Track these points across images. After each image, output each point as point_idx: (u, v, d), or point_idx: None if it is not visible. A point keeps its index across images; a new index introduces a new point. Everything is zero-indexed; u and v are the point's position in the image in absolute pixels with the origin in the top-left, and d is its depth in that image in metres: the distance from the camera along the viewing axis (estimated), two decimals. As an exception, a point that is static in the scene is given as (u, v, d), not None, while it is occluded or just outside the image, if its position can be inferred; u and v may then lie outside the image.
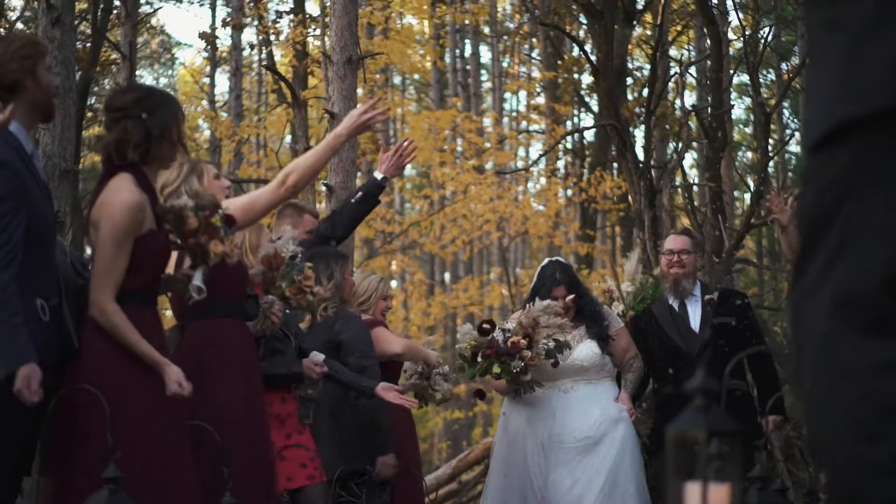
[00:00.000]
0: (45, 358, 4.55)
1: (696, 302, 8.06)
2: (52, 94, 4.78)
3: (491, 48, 27.44)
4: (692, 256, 8.14)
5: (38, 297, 4.62)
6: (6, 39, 4.87)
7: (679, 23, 20.36)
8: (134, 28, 17.00)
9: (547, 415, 7.61)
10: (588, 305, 7.86)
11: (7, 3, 17.04)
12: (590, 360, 7.67)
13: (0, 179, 4.50)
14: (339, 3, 9.82)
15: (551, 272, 7.84)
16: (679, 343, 7.93)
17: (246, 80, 26.56)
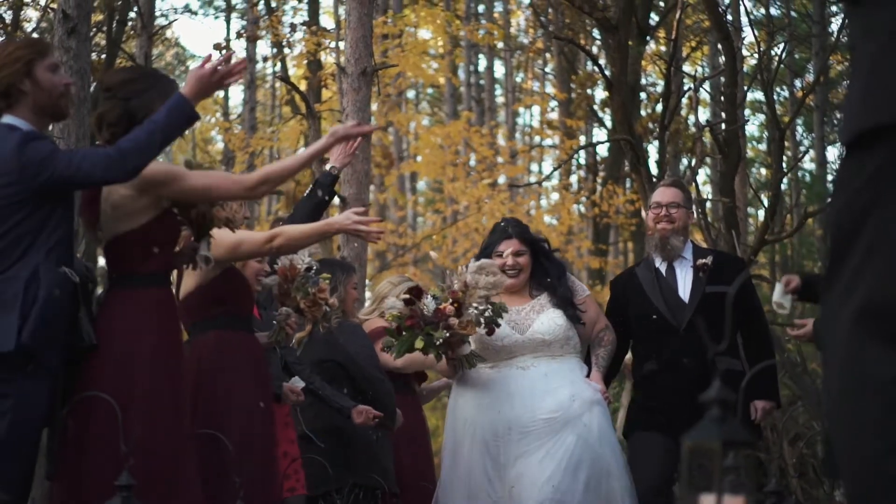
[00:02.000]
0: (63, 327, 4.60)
1: (686, 266, 6.96)
2: (58, 93, 4.77)
3: (504, 63, 27.45)
4: (683, 211, 7.00)
5: (63, 265, 4.65)
6: (3, 45, 4.90)
7: (693, 39, 20.36)
8: (149, 40, 17.05)
9: (502, 398, 6.46)
10: (552, 269, 6.81)
11: (23, 15, 17.08)
12: (552, 334, 6.57)
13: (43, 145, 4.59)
14: (355, 16, 9.84)
15: (503, 227, 6.84)
16: (664, 313, 6.83)
17: (259, 92, 26.63)
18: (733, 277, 6.77)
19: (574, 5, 12.30)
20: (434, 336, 6.23)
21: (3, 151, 4.58)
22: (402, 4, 22.67)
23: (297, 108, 21.29)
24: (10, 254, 4.58)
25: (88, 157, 4.56)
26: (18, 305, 4.49)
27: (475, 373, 6.58)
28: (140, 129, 4.62)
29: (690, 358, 6.64)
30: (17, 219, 4.59)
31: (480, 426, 6.45)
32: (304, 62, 19.95)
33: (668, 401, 6.63)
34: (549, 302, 6.71)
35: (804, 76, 18.76)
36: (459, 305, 6.32)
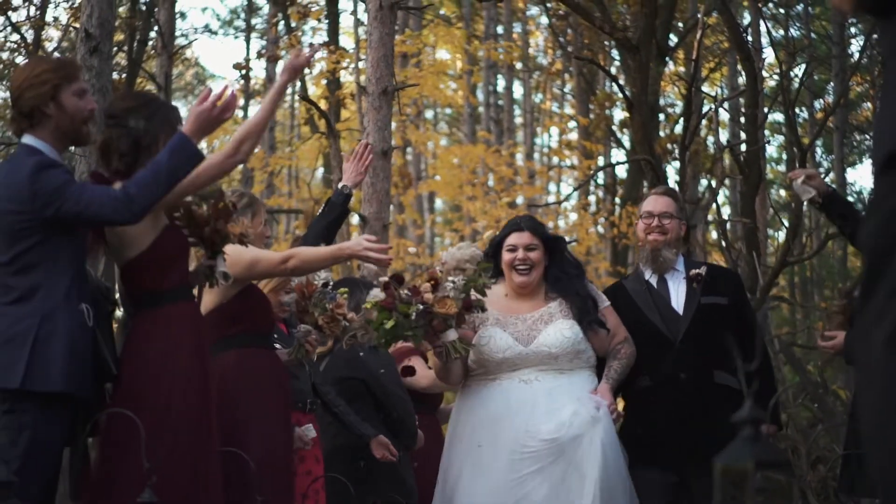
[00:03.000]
0: (84, 364, 4.60)
1: (678, 278, 6.55)
2: (82, 119, 4.75)
3: (523, 84, 27.48)
4: (675, 222, 6.58)
5: (83, 302, 4.66)
6: (32, 64, 4.87)
7: (712, 60, 20.35)
8: (169, 59, 17.12)
9: (501, 413, 5.97)
10: (569, 267, 6.31)
11: (44, 35, 17.17)
12: (559, 347, 6.04)
13: (58, 174, 4.57)
14: (376, 35, 9.85)
15: (517, 220, 6.40)
16: (659, 326, 6.39)
17: (278, 112, 26.69)
18: (728, 289, 6.50)
19: (595, 25, 12.30)
20: (409, 312, 5.72)
21: (17, 177, 4.58)
22: (420, 24, 22.71)
23: (315, 128, 21.34)
24: (20, 282, 4.59)
25: (97, 198, 4.53)
26: (30, 342, 4.50)
27: (475, 384, 6.13)
28: (145, 170, 4.59)
29: (687, 372, 6.25)
30: (27, 245, 4.59)
31: (477, 444, 5.96)
32: (322, 81, 20.01)
33: (664, 422, 6.19)
34: (560, 311, 6.17)
35: (824, 97, 18.73)
36: (436, 283, 5.86)
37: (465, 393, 6.22)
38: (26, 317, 4.52)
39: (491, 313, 6.10)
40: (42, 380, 4.46)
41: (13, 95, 4.76)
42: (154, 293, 4.99)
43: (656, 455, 6.16)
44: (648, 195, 6.84)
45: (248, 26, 27.13)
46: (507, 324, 6.10)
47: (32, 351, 4.48)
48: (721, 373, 6.22)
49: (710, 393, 6.19)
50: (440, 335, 5.83)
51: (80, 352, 4.60)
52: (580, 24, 19.26)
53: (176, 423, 4.80)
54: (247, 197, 6.11)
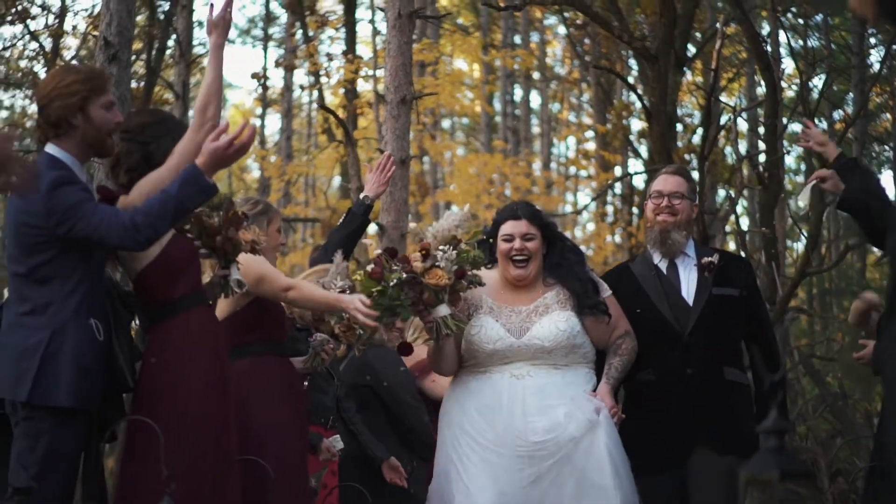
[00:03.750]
0: (96, 378, 4.60)
1: (689, 264, 6.17)
2: (108, 131, 4.77)
3: (541, 93, 27.47)
4: (687, 203, 6.20)
5: (92, 317, 4.66)
6: (62, 72, 4.87)
7: (730, 70, 20.30)
8: (187, 68, 17.15)
9: (492, 408, 5.58)
10: (568, 259, 5.91)
11: (62, 43, 17.24)
12: (553, 340, 5.64)
13: (74, 191, 4.56)
14: (394, 44, 9.84)
15: (512, 207, 5.98)
16: (667, 316, 6.01)
17: (295, 121, 26.74)
18: (740, 278, 6.14)
19: (614, 35, 12.28)
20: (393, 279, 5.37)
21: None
22: (437, 33, 22.72)
23: (333, 136, 21.36)
24: (35, 294, 4.61)
25: (105, 222, 4.53)
26: (39, 356, 4.52)
27: (466, 375, 5.78)
28: (155, 198, 4.59)
29: (695, 367, 5.88)
30: (43, 258, 4.61)
31: (465, 440, 5.61)
32: (340, 90, 20.03)
33: (667, 419, 5.84)
34: (557, 301, 5.78)
35: (843, 108, 18.64)
36: (427, 253, 5.53)
37: (455, 383, 5.86)
38: (38, 331, 4.54)
39: (484, 301, 5.79)
40: (49, 394, 4.47)
41: (41, 104, 4.77)
42: (166, 302, 5.00)
43: (658, 457, 5.81)
44: (658, 174, 6.44)
45: (265, 35, 27.16)
46: (500, 314, 5.75)
47: (41, 365, 4.50)
48: (731, 369, 5.95)
49: (718, 390, 5.89)
50: (431, 310, 5.50)
51: (89, 367, 4.61)
52: (598, 33, 19.26)
53: (193, 431, 4.80)
54: (262, 204, 6.11)
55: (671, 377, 5.90)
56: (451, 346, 5.73)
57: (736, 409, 5.92)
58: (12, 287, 4.73)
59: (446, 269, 5.45)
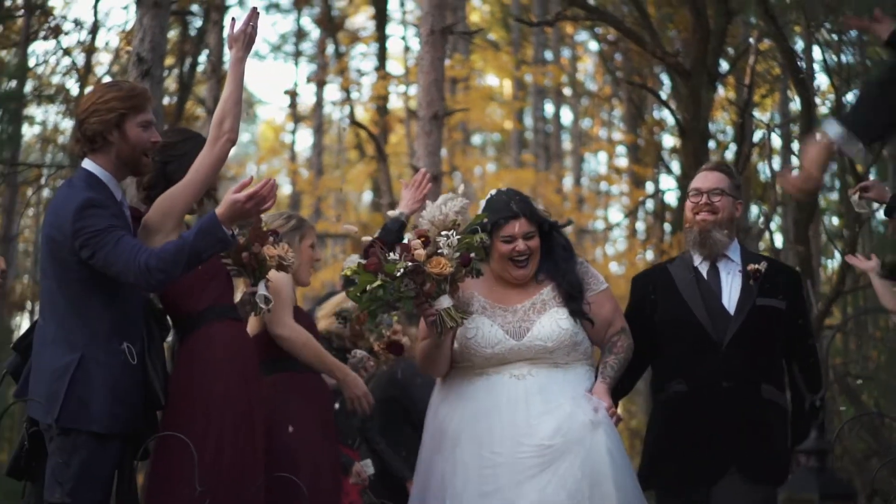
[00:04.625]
0: (131, 401, 4.59)
1: (733, 269, 5.74)
2: (142, 149, 4.77)
3: (572, 109, 27.43)
4: (728, 200, 5.75)
5: (125, 341, 4.65)
6: (104, 88, 4.88)
7: (764, 85, 20.21)
8: (219, 83, 17.20)
9: (490, 412, 5.26)
10: (559, 251, 5.58)
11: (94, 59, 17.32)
12: (555, 339, 5.35)
13: (103, 216, 4.55)
14: (427, 60, 9.83)
15: (505, 201, 5.50)
16: (704, 324, 5.59)
17: (326, 136, 26.81)
18: (790, 290, 5.71)
19: (646, 50, 12.23)
20: (395, 271, 5.02)
21: (66, 208, 4.61)
22: (468, 49, 22.73)
23: (363, 152, 21.39)
24: (64, 314, 4.62)
25: (123, 259, 4.52)
26: (67, 379, 4.52)
27: (459, 376, 5.42)
28: (172, 244, 4.57)
29: (731, 381, 5.50)
30: (72, 274, 4.63)
31: (461, 440, 5.26)
32: (371, 106, 20.07)
33: (697, 435, 5.48)
34: (553, 298, 5.47)
35: (878, 124, 18.49)
36: (426, 240, 5.17)
37: (445, 385, 5.50)
38: (67, 352, 4.56)
39: (476, 299, 5.46)
40: (79, 418, 4.47)
41: (80, 117, 4.79)
42: (191, 315, 5.02)
43: (684, 477, 5.52)
44: (698, 171, 5.99)
45: (296, 51, 27.25)
46: (494, 314, 5.42)
47: (69, 388, 4.51)
48: (769, 387, 5.57)
49: (754, 407, 5.50)
50: (432, 302, 5.16)
51: (122, 393, 4.61)
52: (629, 49, 19.20)
53: (218, 446, 4.78)
54: (294, 219, 6.09)
55: (705, 390, 5.52)
56: (449, 343, 5.39)
57: (772, 431, 5.55)
58: (44, 303, 4.74)
59: (449, 257, 5.12)
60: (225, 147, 5.00)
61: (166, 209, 4.94)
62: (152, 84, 9.28)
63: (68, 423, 4.44)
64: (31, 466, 4.74)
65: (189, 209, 5.04)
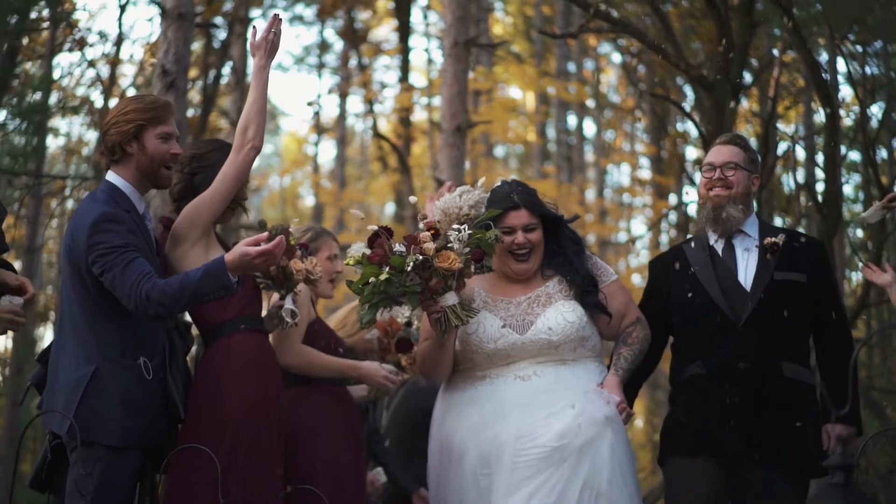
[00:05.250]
0: (147, 415, 4.60)
1: (750, 244, 5.48)
2: (161, 162, 4.79)
3: (595, 120, 27.41)
4: (743, 174, 5.54)
5: (141, 356, 4.65)
6: (127, 100, 4.92)
7: (788, 97, 20.16)
8: (242, 95, 17.26)
9: (496, 415, 5.01)
10: (567, 244, 5.35)
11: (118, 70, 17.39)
12: (561, 333, 5.09)
13: (118, 232, 4.55)
14: (450, 72, 9.85)
15: (506, 192, 5.28)
16: (719, 302, 5.35)
17: (349, 148, 26.85)
18: (809, 263, 5.44)
19: (670, 63, 12.19)
20: (405, 264, 4.79)
21: (84, 220, 4.64)
22: (491, 62, 22.73)
23: (386, 164, 21.40)
24: (80, 327, 4.64)
25: (128, 285, 4.52)
26: (80, 392, 4.54)
27: (462, 382, 5.20)
28: (177, 279, 4.56)
29: (748, 362, 5.26)
30: (87, 290, 4.65)
31: (468, 450, 5.04)
32: (394, 118, 20.09)
33: (717, 417, 5.27)
34: (559, 291, 5.22)
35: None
36: (436, 232, 4.94)
37: (449, 391, 5.28)
38: (83, 365, 4.59)
39: (477, 293, 5.25)
40: (91, 430, 4.46)
41: (103, 129, 4.85)
42: (213, 326, 5.03)
43: (702, 444, 5.29)
44: (712, 145, 5.78)
45: (320, 63, 27.33)
46: (496, 308, 5.20)
47: (82, 400, 4.53)
48: (792, 365, 5.31)
49: (775, 387, 5.26)
50: (438, 298, 4.93)
51: (138, 405, 4.61)
52: (652, 61, 19.17)
53: (233, 457, 4.78)
54: (311, 231, 6.10)
55: (723, 372, 5.30)
56: (451, 344, 5.16)
57: (797, 414, 5.27)
58: (63, 315, 4.75)
59: (459, 251, 4.87)
60: (249, 155, 5.01)
61: (192, 218, 4.96)
62: (176, 96, 9.32)
63: (81, 434, 4.45)
64: (53, 478, 4.75)
65: (215, 218, 5.05)
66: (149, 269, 4.53)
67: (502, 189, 5.30)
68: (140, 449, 4.64)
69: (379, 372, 5.83)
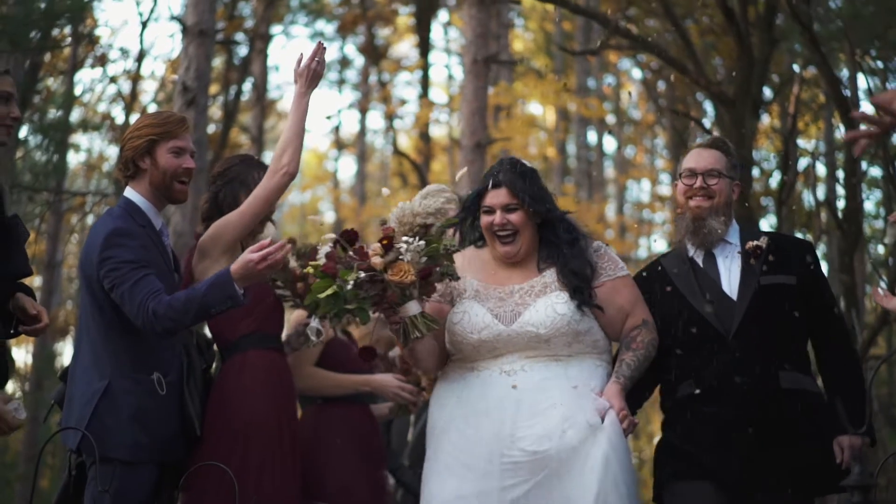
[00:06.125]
0: (161, 431, 4.59)
1: (731, 252, 5.10)
2: (173, 176, 4.79)
3: (616, 136, 27.40)
4: (725, 182, 5.14)
5: (155, 371, 4.65)
6: (144, 116, 4.95)
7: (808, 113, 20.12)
8: (263, 111, 17.32)
9: (479, 412, 4.68)
10: (560, 234, 4.92)
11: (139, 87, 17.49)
12: (550, 326, 4.69)
13: (130, 247, 4.56)
14: (470, 89, 9.87)
15: (495, 169, 4.95)
16: (706, 316, 4.96)
17: (370, 164, 26.90)
18: (799, 263, 5.06)
19: (690, 79, 12.19)
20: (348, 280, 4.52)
21: (97, 235, 4.65)
22: (512, 77, 22.76)
23: (406, 180, 21.42)
24: (96, 341, 4.64)
25: (135, 301, 4.51)
26: (92, 407, 4.53)
27: (452, 372, 4.89)
28: (183, 294, 4.54)
29: (744, 375, 4.86)
30: (101, 304, 4.65)
31: (458, 448, 4.69)
32: (415, 134, 20.12)
33: (714, 438, 4.85)
34: (555, 281, 4.81)
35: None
36: (390, 242, 4.60)
37: (441, 382, 4.95)
38: (97, 380, 4.58)
39: (469, 284, 4.89)
40: (102, 445, 4.45)
41: (120, 145, 4.87)
42: (230, 342, 5.04)
43: (699, 468, 4.86)
44: (691, 148, 5.33)
45: (340, 79, 27.41)
46: (488, 297, 4.84)
47: (93, 415, 4.52)
48: (790, 374, 4.92)
49: (774, 399, 4.85)
50: (398, 309, 4.64)
51: (150, 421, 4.61)
52: (673, 77, 19.15)
53: (243, 474, 4.78)
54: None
55: (717, 389, 4.89)
56: (428, 345, 4.84)
57: (802, 428, 4.87)
58: (80, 330, 4.77)
59: (413, 263, 4.57)
60: (282, 180, 4.99)
61: (217, 235, 4.98)
62: (197, 112, 9.36)
63: (88, 449, 4.45)
64: (80, 495, 4.75)
65: (241, 237, 5.05)
66: (157, 287, 4.52)
67: (493, 167, 4.98)
68: (155, 464, 4.64)
69: (392, 383, 5.83)
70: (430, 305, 4.80)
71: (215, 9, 10.59)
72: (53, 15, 8.77)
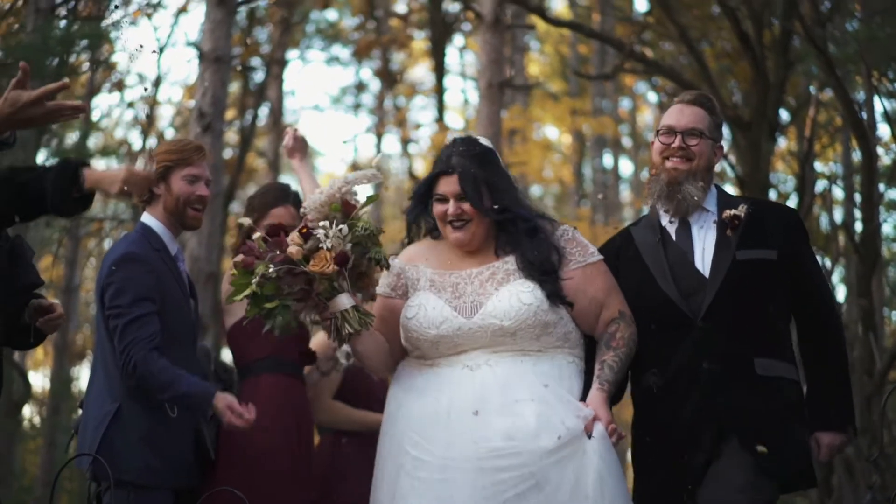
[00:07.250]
0: (173, 454, 4.60)
1: (707, 221, 4.59)
2: (186, 202, 4.82)
3: (632, 159, 27.37)
4: (707, 143, 4.62)
5: None
6: (162, 145, 5.01)
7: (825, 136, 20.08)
8: (279, 136, 17.37)
9: (439, 412, 4.26)
10: (521, 227, 4.44)
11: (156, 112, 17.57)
12: (515, 317, 4.25)
13: (136, 275, 4.57)
14: (484, 114, 9.88)
15: (447, 153, 4.47)
16: (671, 295, 4.47)
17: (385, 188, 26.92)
18: (781, 235, 4.53)
19: (705, 103, 12.18)
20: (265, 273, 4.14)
21: (109, 258, 4.71)
22: (527, 101, 22.77)
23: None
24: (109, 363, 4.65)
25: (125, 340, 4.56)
26: (102, 430, 4.55)
27: (408, 368, 4.48)
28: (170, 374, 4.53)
29: (714, 362, 4.39)
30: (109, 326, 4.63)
31: (414, 450, 4.27)
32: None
33: (680, 434, 4.41)
34: (519, 269, 4.38)
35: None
36: (308, 230, 4.23)
37: (395, 379, 4.52)
38: (108, 402, 4.59)
39: (423, 273, 4.49)
40: (112, 467, 4.45)
41: None
42: (246, 364, 5.06)
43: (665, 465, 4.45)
44: (672, 104, 4.80)
45: (356, 103, 27.48)
46: (443, 286, 4.42)
47: (104, 437, 4.55)
48: (766, 360, 4.44)
49: (747, 390, 4.38)
50: (327, 303, 4.24)
51: (162, 444, 4.63)
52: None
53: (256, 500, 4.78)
54: None
55: (684, 377, 4.43)
56: (371, 342, 4.42)
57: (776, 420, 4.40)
58: (96, 353, 4.79)
59: (336, 250, 4.19)
60: None
61: None
62: (213, 137, 9.39)
63: (104, 473, 4.45)
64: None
65: None
66: (151, 332, 4.52)
67: (444, 150, 4.51)
68: (169, 490, 4.64)
69: None
70: (380, 301, 4.48)
71: (231, 35, 10.63)
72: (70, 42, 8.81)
